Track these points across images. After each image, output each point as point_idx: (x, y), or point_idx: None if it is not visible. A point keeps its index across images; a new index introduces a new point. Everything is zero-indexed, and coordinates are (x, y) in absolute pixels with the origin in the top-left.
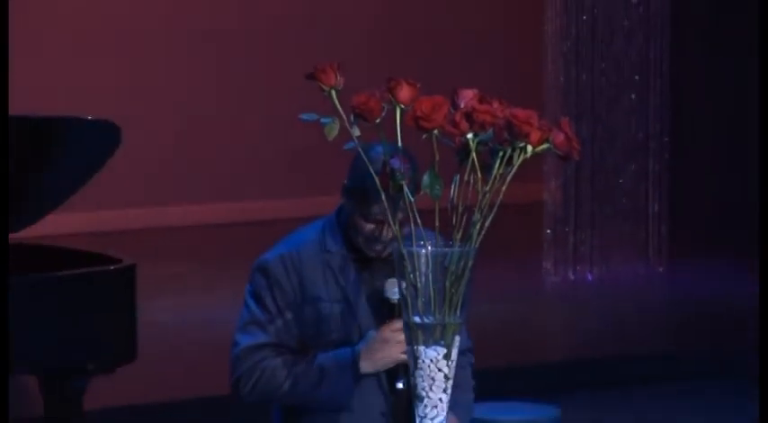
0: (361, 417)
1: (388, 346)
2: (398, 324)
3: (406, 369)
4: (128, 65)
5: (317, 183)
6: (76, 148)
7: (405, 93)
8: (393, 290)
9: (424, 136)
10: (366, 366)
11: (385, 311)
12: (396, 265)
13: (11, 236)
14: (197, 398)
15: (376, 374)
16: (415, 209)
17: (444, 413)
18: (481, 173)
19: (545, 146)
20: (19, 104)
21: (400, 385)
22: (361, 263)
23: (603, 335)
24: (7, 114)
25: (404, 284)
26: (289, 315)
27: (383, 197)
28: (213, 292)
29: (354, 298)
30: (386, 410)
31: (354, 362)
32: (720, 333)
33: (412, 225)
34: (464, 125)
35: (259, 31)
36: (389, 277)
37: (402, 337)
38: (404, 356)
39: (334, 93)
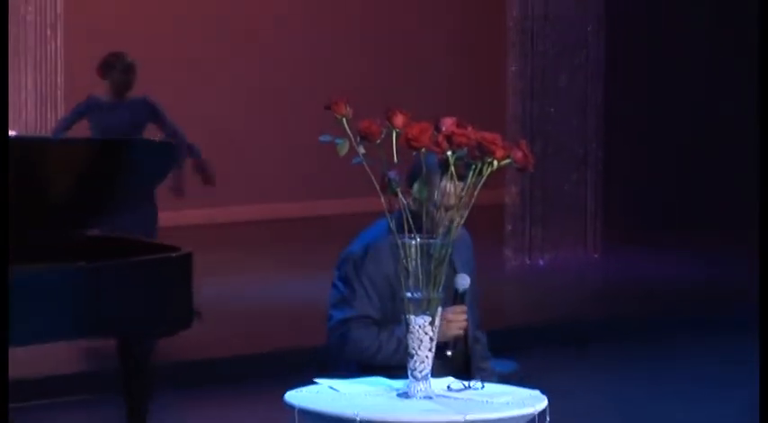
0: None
1: (450, 324)
2: (460, 308)
3: (455, 343)
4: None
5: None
6: (144, 164)
7: (399, 119)
8: (461, 282)
9: (414, 153)
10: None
11: (451, 297)
12: (391, 253)
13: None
14: (242, 354)
15: None
16: (407, 209)
17: (429, 367)
18: (458, 181)
19: (507, 161)
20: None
21: (449, 353)
22: None
23: (552, 305)
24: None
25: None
26: (371, 293)
27: (381, 197)
28: (250, 274)
29: None
30: (435, 368)
31: None
32: (643, 303)
33: (404, 223)
34: (445, 145)
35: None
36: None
37: (462, 317)
38: (461, 332)
39: (345, 120)
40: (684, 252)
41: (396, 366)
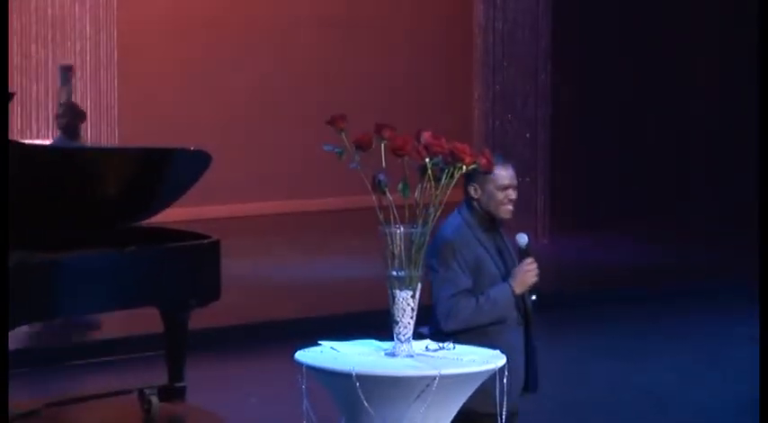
0: (508, 324)
1: (527, 274)
2: (530, 260)
3: (536, 287)
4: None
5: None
6: (183, 169)
7: (387, 133)
8: (521, 240)
9: (399, 160)
10: (517, 289)
11: (517, 253)
12: (473, 235)
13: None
14: (262, 321)
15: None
16: (393, 205)
17: (411, 332)
18: (434, 182)
19: (474, 165)
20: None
21: (534, 298)
22: (487, 232)
23: None
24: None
25: None
26: (465, 270)
27: (374, 199)
28: (267, 255)
29: (492, 252)
30: (517, 317)
31: (511, 288)
32: (581, 279)
33: (392, 217)
34: (424, 153)
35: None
36: (502, 238)
37: (533, 267)
38: (536, 279)
39: (343, 133)
40: (616, 239)
41: (494, 323)
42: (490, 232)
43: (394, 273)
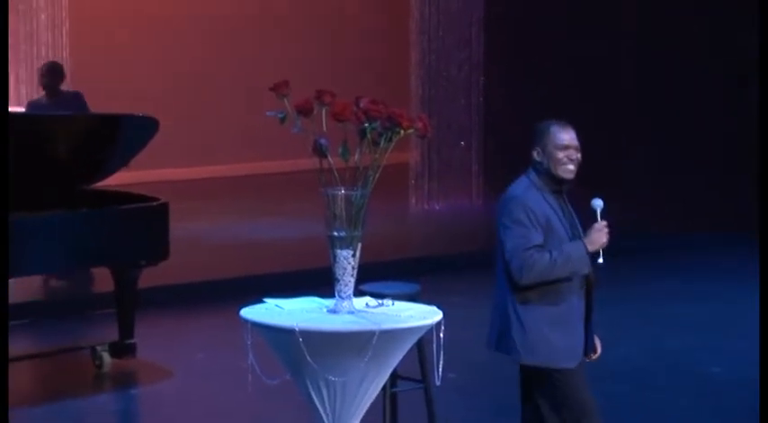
0: (574, 283)
1: (599, 233)
2: (602, 223)
3: (604, 250)
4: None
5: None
6: (133, 134)
7: (327, 98)
8: (596, 203)
9: (339, 124)
10: (590, 247)
11: (591, 216)
12: (541, 196)
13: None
14: (214, 279)
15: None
16: (334, 168)
17: (351, 290)
18: (373, 146)
19: (411, 130)
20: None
21: (601, 260)
22: (555, 194)
23: (444, 239)
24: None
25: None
26: (536, 226)
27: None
28: (213, 217)
29: (559, 213)
30: (580, 280)
31: (585, 246)
32: None
33: (333, 179)
34: (363, 117)
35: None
36: (566, 203)
37: (605, 230)
38: (606, 242)
39: (286, 99)
40: None
41: (566, 278)
42: (556, 195)
43: (335, 233)
